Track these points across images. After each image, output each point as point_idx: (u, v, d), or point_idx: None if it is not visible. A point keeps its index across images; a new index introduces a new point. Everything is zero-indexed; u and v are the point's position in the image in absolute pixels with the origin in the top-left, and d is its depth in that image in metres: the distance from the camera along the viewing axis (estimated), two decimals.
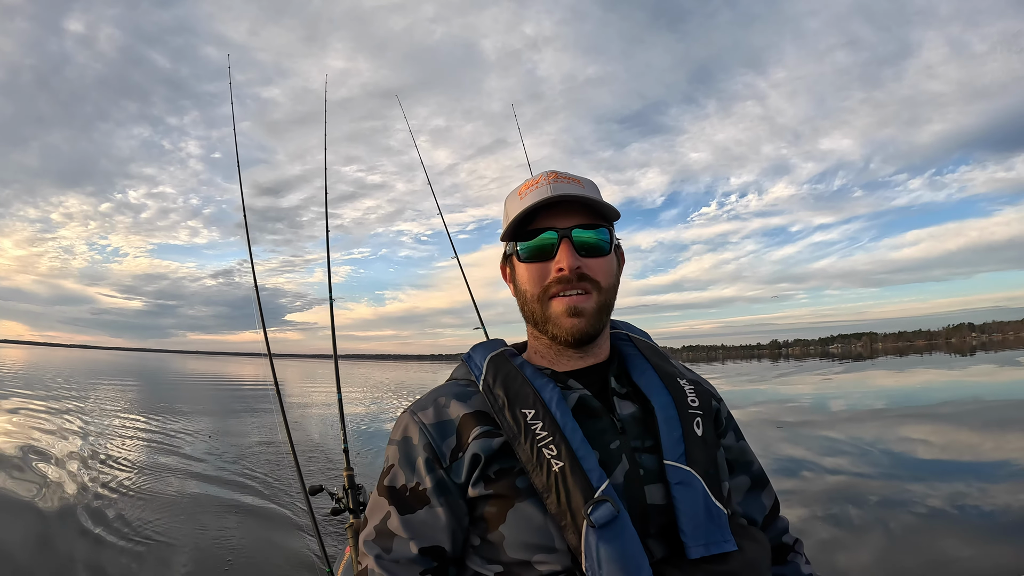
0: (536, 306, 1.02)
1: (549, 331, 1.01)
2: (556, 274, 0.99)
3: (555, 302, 1.00)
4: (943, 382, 16.85)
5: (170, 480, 5.47)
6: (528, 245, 1.02)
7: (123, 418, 10.32)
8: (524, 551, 0.89)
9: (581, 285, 0.99)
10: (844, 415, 11.34)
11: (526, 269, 1.02)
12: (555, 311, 0.99)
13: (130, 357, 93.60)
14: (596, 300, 1.00)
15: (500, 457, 0.93)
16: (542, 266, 1.01)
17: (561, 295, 0.99)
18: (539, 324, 1.03)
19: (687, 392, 1.02)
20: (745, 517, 1.07)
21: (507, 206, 1.09)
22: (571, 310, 0.98)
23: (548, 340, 1.05)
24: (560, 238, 0.99)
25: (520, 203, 1.03)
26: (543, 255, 1.01)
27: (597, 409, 0.98)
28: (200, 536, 3.90)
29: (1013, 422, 8.87)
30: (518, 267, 1.05)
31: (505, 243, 1.09)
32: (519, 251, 1.03)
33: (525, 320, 1.09)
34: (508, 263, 1.10)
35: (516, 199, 1.06)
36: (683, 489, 0.90)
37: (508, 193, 1.12)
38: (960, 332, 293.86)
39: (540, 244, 1.01)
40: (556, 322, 0.99)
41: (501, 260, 1.14)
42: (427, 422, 0.98)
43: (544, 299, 1.01)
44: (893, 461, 6.29)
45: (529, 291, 1.02)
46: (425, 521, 0.93)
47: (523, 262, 1.03)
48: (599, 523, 0.83)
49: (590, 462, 0.89)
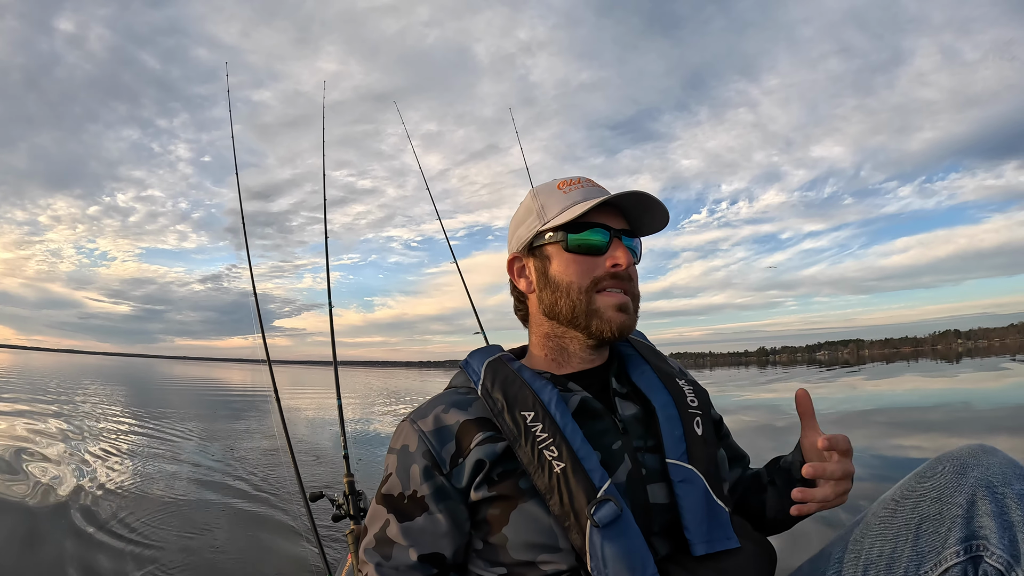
0: (581, 298, 1.02)
1: (592, 325, 1.02)
2: (611, 268, 1.02)
3: (605, 296, 1.02)
4: (898, 390, 17.11)
5: (165, 486, 5.43)
6: (580, 236, 1.03)
7: (115, 423, 10.22)
8: (528, 552, 0.90)
9: (627, 284, 1.04)
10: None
11: (573, 260, 1.04)
12: (604, 304, 1.02)
13: (118, 362, 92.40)
14: (635, 302, 1.05)
15: (503, 461, 0.94)
16: (592, 260, 1.03)
17: (611, 290, 1.02)
18: (579, 318, 1.03)
19: (686, 392, 1.05)
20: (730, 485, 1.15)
21: (542, 198, 1.09)
22: (622, 305, 1.02)
23: (569, 337, 1.06)
24: (612, 236, 1.03)
25: (566, 196, 1.06)
26: (595, 250, 1.03)
27: (598, 410, 0.99)
28: (199, 543, 3.88)
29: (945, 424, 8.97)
30: (558, 257, 1.05)
31: (536, 233, 1.08)
32: (568, 241, 1.04)
33: (548, 316, 1.08)
34: (536, 255, 1.09)
35: (556, 192, 1.08)
36: (686, 487, 0.93)
37: (539, 185, 1.14)
38: (946, 339, 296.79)
39: (594, 238, 1.03)
40: (604, 315, 1.01)
41: (519, 250, 1.13)
42: (426, 430, 0.99)
43: (592, 292, 1.02)
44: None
45: (576, 282, 1.03)
46: (424, 528, 0.94)
47: (571, 252, 1.04)
48: (603, 522, 0.84)
49: (591, 462, 0.90)
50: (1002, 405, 11.43)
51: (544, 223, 1.06)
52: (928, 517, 0.83)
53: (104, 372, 37.37)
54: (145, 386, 24.79)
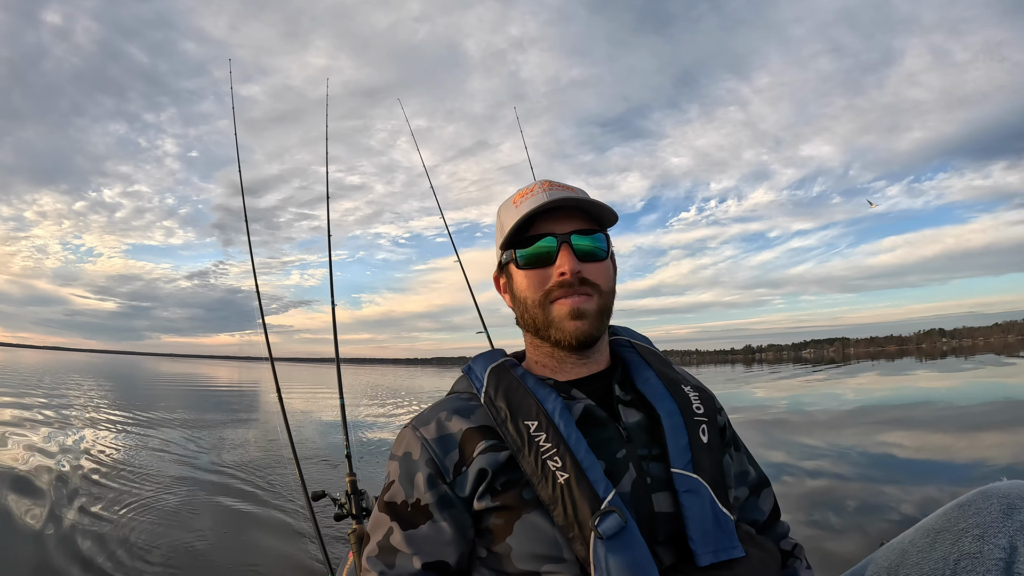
0: (537, 311, 1.02)
1: (552, 336, 1.01)
2: (558, 278, 0.99)
3: (557, 305, 1.00)
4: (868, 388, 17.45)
5: (165, 485, 5.41)
6: (527, 252, 1.02)
7: (110, 422, 10.14)
8: (532, 562, 0.89)
9: (582, 289, 1.00)
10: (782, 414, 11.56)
11: (525, 276, 1.03)
12: (557, 314, 1.00)
13: (105, 359, 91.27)
14: (597, 303, 1.01)
15: (507, 470, 0.93)
16: (542, 272, 1.01)
17: (563, 298, 1.00)
18: (541, 331, 1.03)
19: (692, 399, 1.03)
20: (745, 523, 1.08)
21: (501, 216, 1.10)
22: (574, 312, 0.99)
23: (550, 348, 1.05)
24: (560, 243, 1.00)
25: (516, 211, 1.03)
26: (542, 261, 1.01)
27: (602, 418, 0.98)
28: (201, 542, 3.88)
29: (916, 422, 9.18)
30: (516, 275, 1.05)
31: (500, 253, 1.09)
32: (517, 258, 1.04)
33: (524, 330, 1.10)
34: (504, 273, 1.10)
35: (511, 208, 1.06)
36: (691, 497, 0.90)
37: (502, 202, 1.12)
38: (931, 338, 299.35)
39: (539, 250, 1.02)
40: (559, 325, 1.00)
41: (496, 271, 1.14)
42: (429, 437, 0.98)
43: (545, 304, 1.01)
44: (798, 454, 6.47)
45: (530, 297, 1.02)
46: (428, 536, 0.93)
47: (522, 268, 1.03)
48: (607, 534, 0.83)
49: (595, 472, 0.89)
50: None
51: (502, 241, 1.06)
52: (968, 555, 0.81)
53: (95, 370, 36.93)
54: (139, 384, 24.53)
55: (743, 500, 1.10)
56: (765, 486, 1.14)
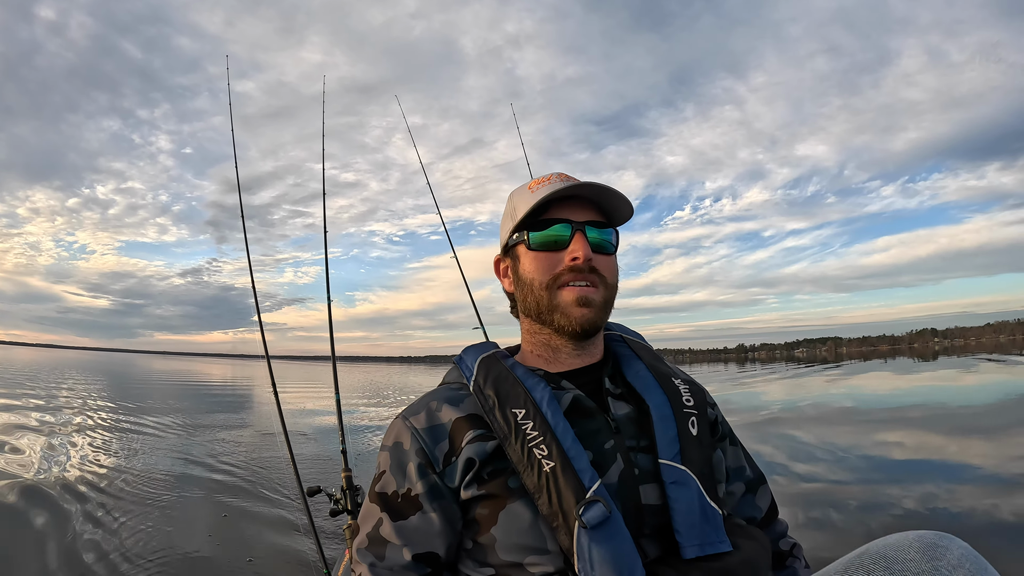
0: (543, 294, 1.03)
1: (556, 321, 1.02)
2: (570, 263, 1.00)
3: (565, 291, 1.01)
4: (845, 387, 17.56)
5: (160, 482, 5.40)
6: (541, 234, 1.03)
7: (104, 417, 10.12)
8: (516, 553, 0.88)
9: (591, 277, 1.01)
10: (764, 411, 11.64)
11: (535, 258, 1.04)
12: (565, 299, 1.01)
13: (99, 357, 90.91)
14: (603, 294, 1.02)
15: (493, 459, 0.93)
16: (553, 255, 1.02)
17: (572, 284, 1.01)
18: (544, 314, 1.03)
19: (682, 392, 1.03)
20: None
21: (514, 199, 1.11)
22: (581, 299, 1.00)
23: (548, 335, 1.06)
24: (574, 230, 1.02)
25: (532, 196, 1.04)
26: (555, 245, 1.02)
27: (591, 409, 0.98)
28: (197, 538, 3.89)
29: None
30: (524, 256, 1.06)
31: (509, 235, 1.10)
32: (529, 239, 1.05)
33: (524, 314, 1.10)
34: (509, 255, 1.11)
35: (526, 193, 1.08)
36: (678, 488, 0.90)
37: (517, 188, 1.14)
38: (923, 337, 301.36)
39: (554, 234, 1.03)
40: (565, 311, 1.01)
41: (499, 253, 1.15)
42: (419, 427, 0.98)
43: (553, 288, 1.02)
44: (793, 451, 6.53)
45: (538, 279, 1.03)
46: (418, 527, 0.93)
47: (533, 250, 1.04)
48: (591, 524, 0.82)
49: (581, 462, 0.88)
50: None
51: (516, 223, 1.07)
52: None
53: (88, 367, 36.79)
54: (133, 381, 24.44)
55: (739, 496, 1.10)
56: (762, 483, 1.13)
